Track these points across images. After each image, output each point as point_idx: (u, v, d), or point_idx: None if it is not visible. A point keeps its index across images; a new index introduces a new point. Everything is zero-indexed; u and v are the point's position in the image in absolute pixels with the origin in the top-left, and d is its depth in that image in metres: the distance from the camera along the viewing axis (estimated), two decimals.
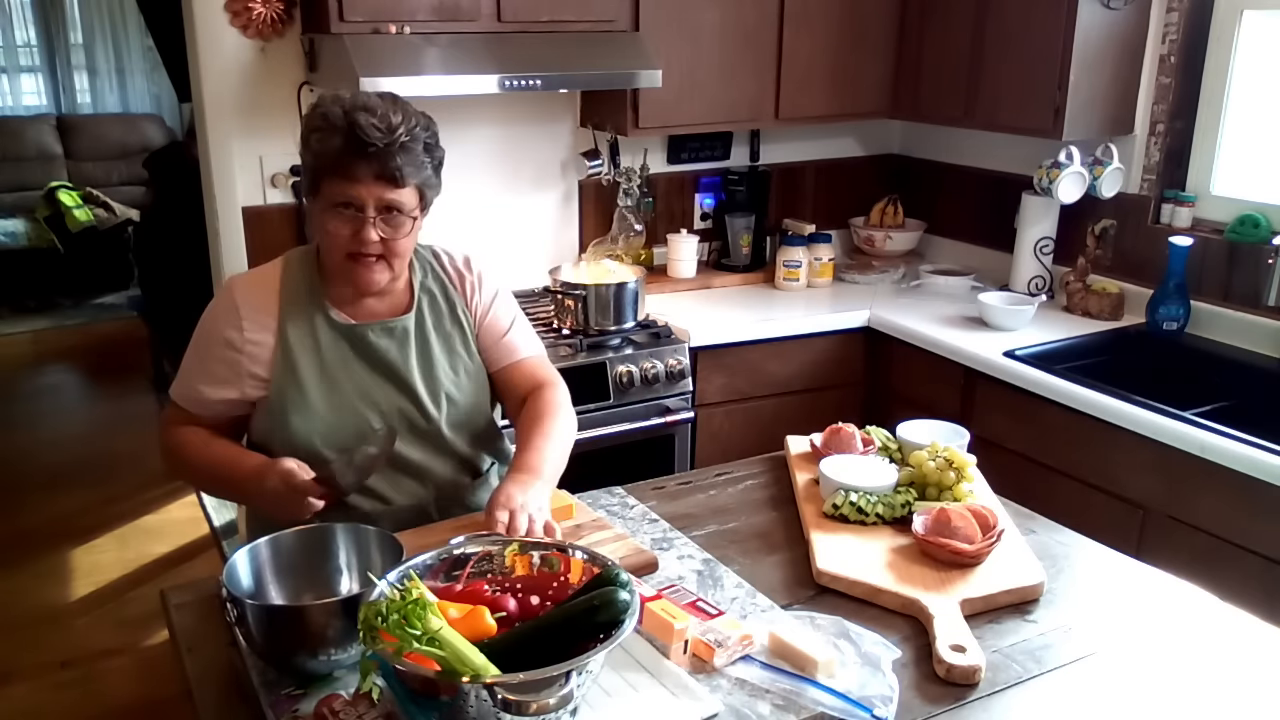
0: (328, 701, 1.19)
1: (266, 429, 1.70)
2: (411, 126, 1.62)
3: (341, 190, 1.61)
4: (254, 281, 1.75)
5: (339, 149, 1.59)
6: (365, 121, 1.57)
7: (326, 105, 1.63)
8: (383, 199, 1.61)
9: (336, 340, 1.71)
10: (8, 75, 7.04)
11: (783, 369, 2.94)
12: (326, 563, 1.44)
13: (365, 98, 1.63)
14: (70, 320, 6.14)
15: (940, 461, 1.72)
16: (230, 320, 1.69)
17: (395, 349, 1.73)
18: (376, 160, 1.59)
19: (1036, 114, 2.76)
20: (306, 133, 1.65)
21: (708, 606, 1.42)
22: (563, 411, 1.77)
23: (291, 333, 1.69)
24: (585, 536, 1.61)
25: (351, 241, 1.62)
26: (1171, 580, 1.59)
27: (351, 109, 1.60)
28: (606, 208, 3.18)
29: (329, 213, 1.63)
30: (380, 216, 1.62)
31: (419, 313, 1.76)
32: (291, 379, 1.68)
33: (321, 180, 1.63)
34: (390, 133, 1.59)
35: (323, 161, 1.61)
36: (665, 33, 2.78)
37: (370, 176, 1.60)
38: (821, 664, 1.29)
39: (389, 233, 1.63)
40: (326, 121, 1.60)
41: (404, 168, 1.60)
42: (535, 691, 1.07)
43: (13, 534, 3.69)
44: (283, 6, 2.62)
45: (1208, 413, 2.23)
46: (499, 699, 1.06)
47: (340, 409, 1.69)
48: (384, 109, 1.61)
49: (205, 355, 1.71)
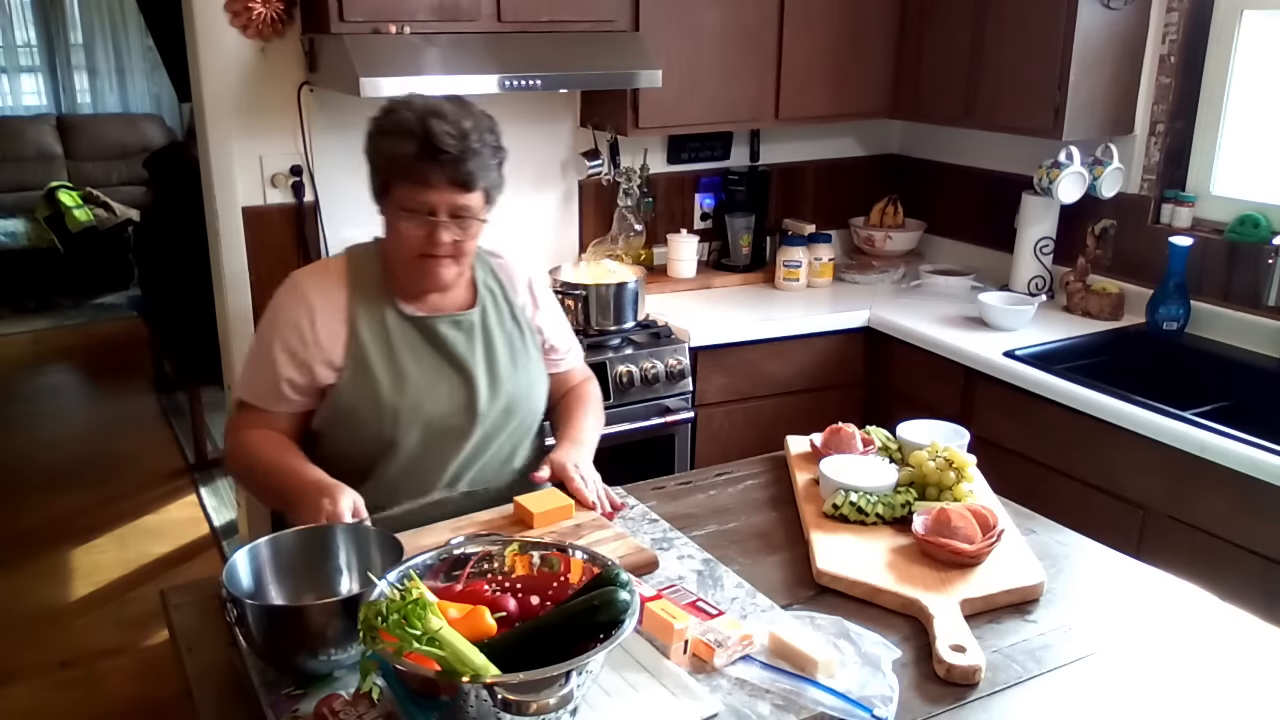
0: (328, 701, 1.19)
1: (331, 415, 1.75)
2: (482, 131, 1.67)
3: (414, 195, 1.65)
4: (320, 273, 1.80)
5: (413, 155, 1.62)
6: (439, 129, 1.61)
7: (399, 109, 1.66)
8: (454, 204, 1.66)
9: (406, 331, 1.76)
10: (8, 75, 7.04)
11: (783, 369, 2.94)
12: (326, 563, 1.43)
13: (436, 102, 1.67)
14: (70, 320, 6.14)
15: (940, 461, 1.72)
16: (301, 309, 1.73)
17: (464, 342, 1.79)
18: (450, 166, 1.63)
19: (1036, 114, 2.76)
20: (377, 135, 1.69)
21: (708, 606, 1.42)
22: (597, 399, 2.00)
23: (362, 322, 1.74)
24: (585, 536, 1.61)
25: (424, 243, 1.67)
26: (1171, 580, 1.59)
27: (424, 114, 1.63)
28: (606, 208, 3.18)
29: (401, 215, 1.67)
30: (451, 220, 1.67)
31: (483, 309, 1.83)
32: (362, 366, 1.73)
33: (393, 183, 1.67)
34: (463, 139, 1.63)
35: (395, 166, 1.65)
36: (665, 33, 2.78)
37: (444, 182, 1.64)
38: (821, 664, 1.29)
39: (459, 234, 1.69)
40: (400, 127, 1.64)
41: (475, 173, 1.65)
42: (535, 691, 1.07)
43: (12, 534, 3.69)
44: (283, 6, 2.62)
45: (1208, 413, 2.23)
46: (499, 699, 1.06)
47: (406, 398, 1.74)
48: (455, 114, 1.65)
49: (274, 346, 1.73)
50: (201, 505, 3.88)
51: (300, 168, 2.76)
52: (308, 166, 2.77)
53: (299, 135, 2.73)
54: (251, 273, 2.78)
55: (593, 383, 2.04)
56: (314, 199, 2.80)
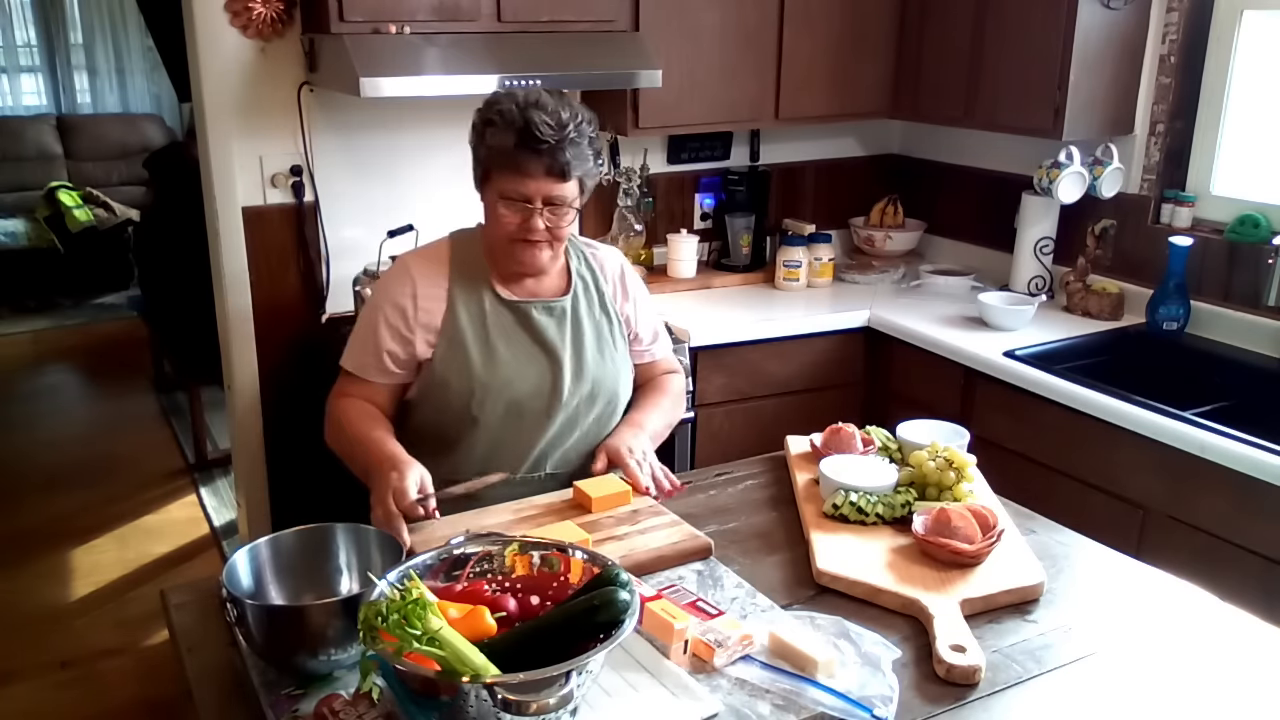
0: (328, 701, 1.19)
1: (424, 387, 1.84)
2: (579, 123, 1.74)
3: (512, 184, 1.73)
4: (425, 256, 1.89)
5: (513, 145, 1.70)
6: (539, 119, 1.68)
7: (501, 101, 1.74)
8: (550, 193, 1.74)
9: (500, 313, 1.85)
10: (8, 75, 7.03)
11: (783, 369, 2.94)
12: (326, 563, 1.44)
13: (537, 94, 1.73)
14: (70, 320, 6.14)
15: (940, 461, 1.72)
16: (404, 288, 1.82)
17: (554, 327, 1.87)
18: (548, 155, 1.70)
19: (1036, 114, 2.76)
20: (481, 125, 1.76)
21: (708, 606, 1.42)
22: (674, 392, 2.04)
23: (460, 303, 1.83)
24: (642, 521, 1.66)
25: (520, 229, 1.75)
26: (1171, 580, 1.59)
27: (525, 105, 1.70)
28: (606, 208, 3.18)
29: (499, 202, 1.75)
30: (546, 208, 1.74)
31: (574, 296, 1.91)
32: (456, 341, 1.80)
33: (492, 171, 1.75)
34: (561, 129, 1.70)
35: (496, 155, 1.73)
36: (665, 33, 2.78)
37: (541, 172, 1.72)
38: (821, 664, 1.29)
39: (553, 221, 1.76)
40: (502, 118, 1.71)
41: (572, 162, 1.72)
42: (535, 691, 1.07)
43: (12, 534, 3.69)
44: (283, 6, 2.62)
45: (1208, 413, 2.23)
46: (499, 699, 1.06)
47: (495, 375, 1.82)
48: (555, 105, 1.72)
49: (379, 320, 1.82)
50: (201, 505, 3.88)
51: (300, 168, 2.76)
52: (308, 166, 2.77)
53: (299, 135, 2.73)
54: (251, 273, 2.78)
55: (677, 376, 2.08)
56: (314, 199, 2.80)
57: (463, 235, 1.92)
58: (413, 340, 1.82)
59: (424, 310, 1.82)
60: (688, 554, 1.59)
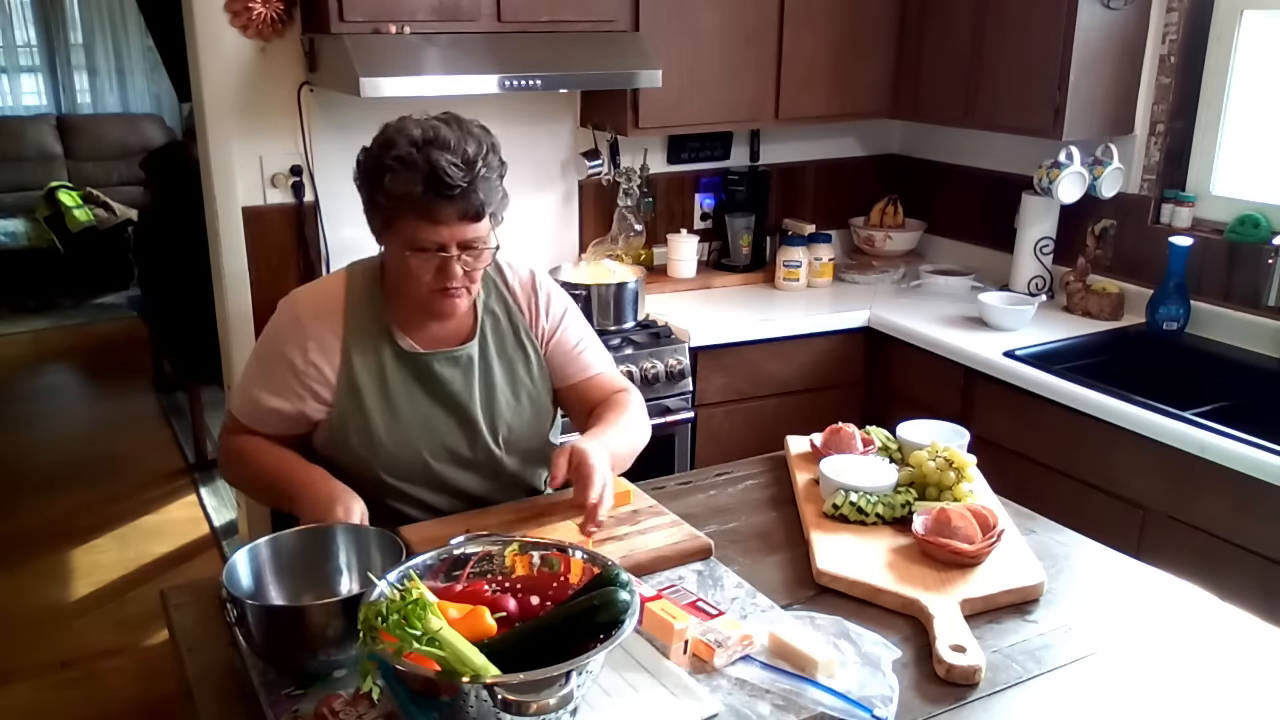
0: (328, 702, 1.19)
1: (327, 442, 1.71)
2: (485, 154, 1.58)
3: (423, 233, 1.57)
4: (317, 300, 1.72)
5: (419, 193, 1.54)
6: (444, 162, 1.53)
7: (398, 144, 1.56)
8: (465, 237, 1.59)
9: (401, 368, 1.70)
10: (8, 75, 7.03)
11: (783, 369, 2.94)
12: (326, 563, 1.43)
13: (434, 129, 1.57)
14: (70, 320, 6.14)
15: (940, 461, 1.72)
16: (294, 339, 1.68)
17: (460, 379, 1.73)
18: (460, 200, 1.55)
19: (1036, 114, 2.76)
20: (375, 171, 1.59)
21: (708, 606, 1.42)
22: (633, 410, 1.81)
23: (356, 358, 1.68)
24: (643, 521, 1.66)
25: (436, 279, 1.61)
26: (1171, 580, 1.59)
27: (425, 145, 1.54)
28: (606, 208, 3.18)
29: (409, 253, 1.60)
30: (463, 252, 1.60)
31: (482, 338, 1.76)
32: (355, 405, 1.68)
33: (396, 220, 1.59)
34: (470, 168, 1.55)
35: (399, 202, 1.56)
36: (665, 33, 2.78)
37: (454, 218, 1.57)
38: (821, 664, 1.29)
39: (471, 264, 1.62)
40: (402, 162, 1.54)
41: (485, 201, 1.58)
42: (535, 691, 1.07)
43: (13, 534, 3.69)
44: (283, 6, 2.62)
45: (1208, 413, 2.23)
46: (499, 699, 1.06)
47: (400, 437, 1.70)
48: (457, 139, 1.56)
49: (266, 372, 1.70)
50: (201, 505, 3.88)
51: (300, 168, 2.76)
52: (308, 166, 2.77)
53: (299, 135, 2.73)
54: (251, 273, 2.78)
55: (630, 393, 1.85)
56: (314, 199, 2.80)
57: (360, 271, 1.74)
58: (303, 401, 1.67)
59: (314, 366, 1.67)
60: (688, 554, 1.59)
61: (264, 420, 1.71)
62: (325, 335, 1.68)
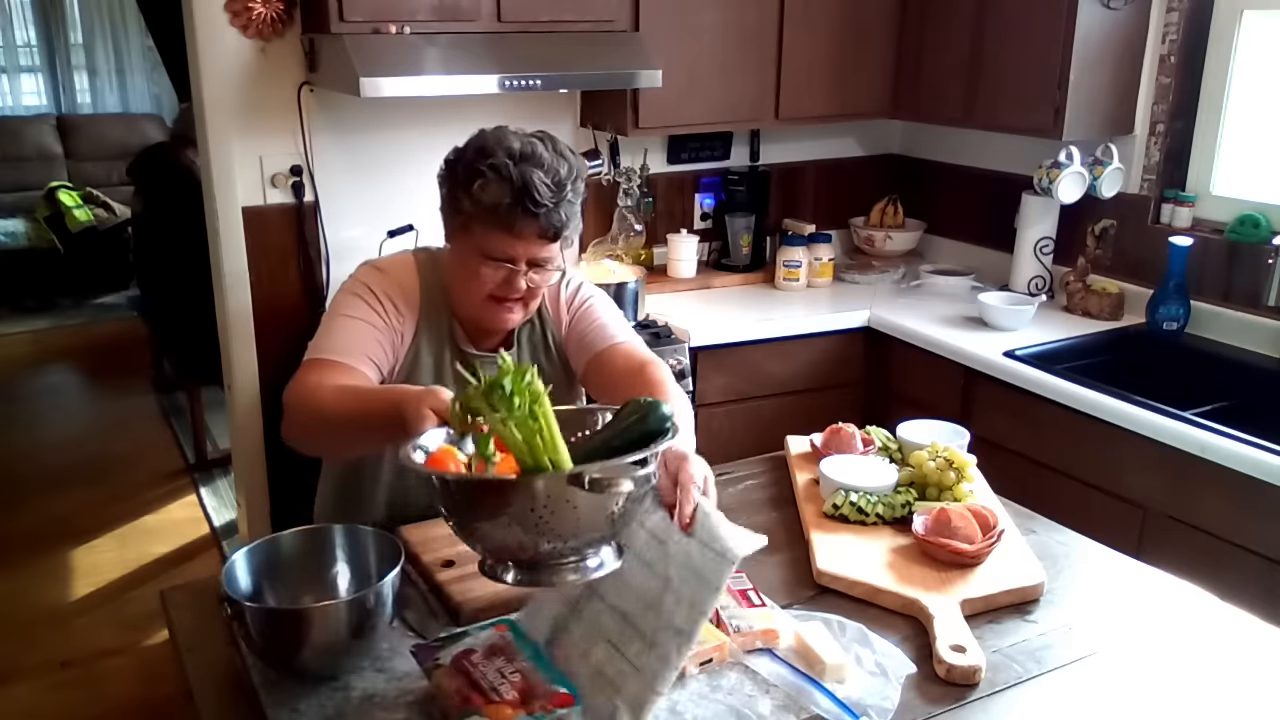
0: (465, 655, 1.23)
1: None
2: (574, 179, 1.60)
3: (499, 244, 1.60)
4: (396, 274, 1.73)
5: (506, 204, 1.56)
6: (537, 179, 1.55)
7: (494, 152, 1.58)
8: (537, 255, 1.62)
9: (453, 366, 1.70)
10: (8, 75, 7.03)
11: (783, 369, 2.94)
12: (326, 564, 1.43)
13: (532, 146, 1.59)
14: (70, 320, 6.14)
15: (940, 461, 1.72)
16: (379, 295, 1.68)
17: None
18: (543, 218, 1.58)
19: (1036, 114, 2.76)
20: (466, 176, 1.59)
21: (755, 596, 1.42)
22: (672, 384, 1.66)
23: (425, 340, 1.71)
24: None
25: (499, 288, 1.63)
26: (1171, 580, 1.59)
27: (521, 160, 1.56)
28: (606, 208, 3.18)
29: (481, 260, 1.62)
30: (531, 269, 1.63)
31: (519, 348, 1.78)
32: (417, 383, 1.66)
33: (476, 226, 1.61)
34: (559, 190, 1.57)
35: (484, 211, 1.58)
36: (665, 33, 2.78)
37: (533, 235, 1.59)
38: (830, 667, 1.29)
39: (536, 283, 1.65)
40: (496, 173, 1.56)
41: (566, 224, 1.61)
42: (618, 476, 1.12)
43: (13, 534, 3.69)
44: (283, 6, 2.62)
45: (1208, 413, 2.23)
46: (585, 480, 1.10)
47: None
48: (551, 160, 1.58)
49: (352, 303, 1.67)
50: (201, 505, 3.88)
51: (300, 168, 2.76)
52: (308, 166, 2.77)
53: (299, 135, 2.73)
54: (251, 273, 2.78)
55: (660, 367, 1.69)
56: (314, 199, 2.80)
57: (428, 260, 1.77)
58: (388, 328, 1.67)
59: (394, 328, 1.68)
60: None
61: (354, 341, 1.62)
62: (404, 312, 1.70)
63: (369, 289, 1.70)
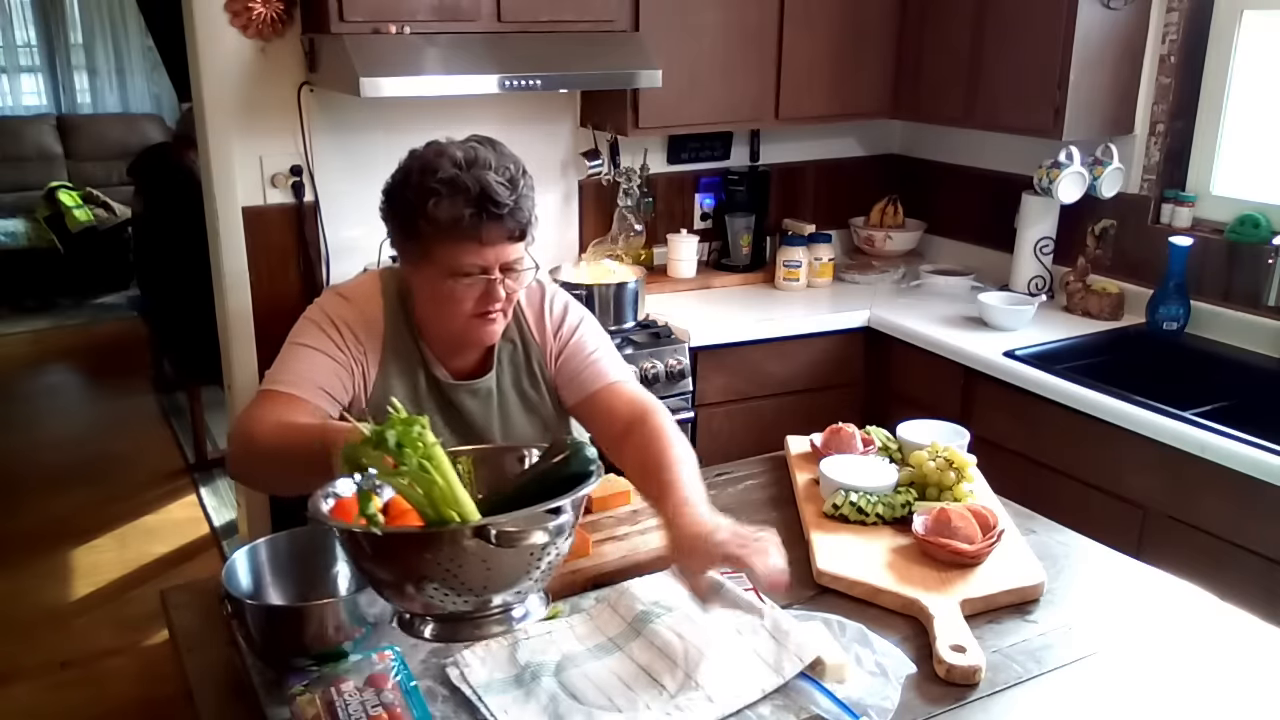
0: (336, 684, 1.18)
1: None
2: (522, 173, 1.56)
3: (469, 257, 1.53)
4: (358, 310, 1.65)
5: (469, 215, 1.50)
6: (493, 182, 1.50)
7: (441, 167, 1.52)
8: (509, 258, 1.57)
9: (430, 395, 1.68)
10: (8, 75, 7.03)
11: (783, 369, 2.94)
12: (326, 563, 1.43)
13: (473, 150, 1.54)
14: (70, 320, 6.14)
15: (940, 461, 1.72)
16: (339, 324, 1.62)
17: (480, 410, 1.71)
18: (508, 219, 1.53)
19: (1036, 114, 2.76)
20: (417, 197, 1.52)
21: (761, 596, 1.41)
22: (677, 435, 1.61)
23: (393, 369, 1.65)
24: (642, 521, 1.66)
25: (479, 304, 1.57)
26: (1171, 580, 1.59)
27: (470, 166, 1.51)
28: (606, 208, 3.18)
29: (451, 281, 1.55)
30: (505, 275, 1.58)
31: (499, 369, 1.72)
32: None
33: (437, 247, 1.54)
34: (514, 188, 1.52)
35: (446, 228, 1.51)
36: (665, 33, 2.78)
37: (502, 238, 1.54)
38: (830, 667, 1.29)
39: (513, 286, 1.60)
40: (449, 185, 1.50)
41: (529, 219, 1.56)
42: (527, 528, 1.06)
43: (13, 534, 3.69)
44: (283, 6, 2.62)
45: (1208, 413, 2.22)
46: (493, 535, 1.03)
47: None
48: (497, 160, 1.53)
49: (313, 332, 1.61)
50: (201, 505, 3.88)
51: (300, 168, 2.76)
52: (308, 166, 2.77)
53: (299, 135, 2.73)
54: (251, 273, 2.78)
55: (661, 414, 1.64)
56: (314, 199, 2.80)
57: (393, 287, 1.68)
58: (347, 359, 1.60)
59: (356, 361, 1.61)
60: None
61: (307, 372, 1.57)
62: (368, 342, 1.63)
63: (329, 318, 1.64)
